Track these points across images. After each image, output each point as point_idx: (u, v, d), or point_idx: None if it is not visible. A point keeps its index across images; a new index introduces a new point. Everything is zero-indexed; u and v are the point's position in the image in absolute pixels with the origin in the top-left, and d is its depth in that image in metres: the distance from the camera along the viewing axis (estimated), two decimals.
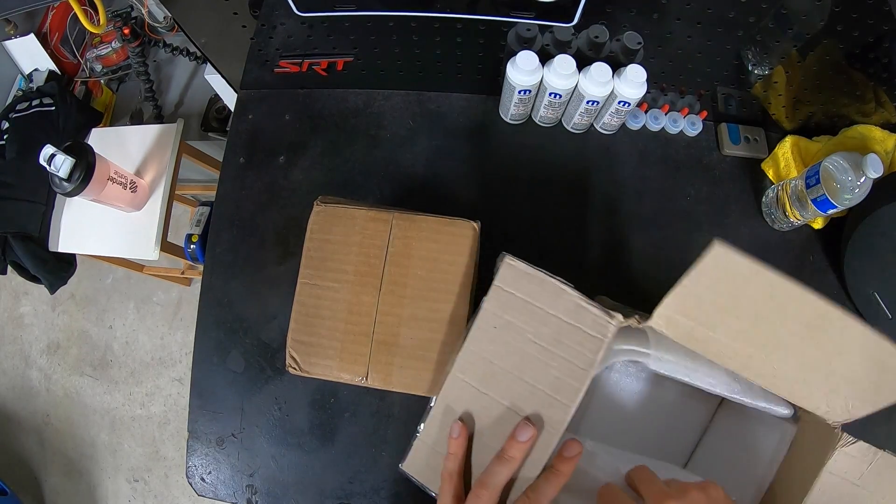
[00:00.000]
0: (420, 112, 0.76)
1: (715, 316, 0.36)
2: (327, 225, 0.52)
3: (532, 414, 0.39)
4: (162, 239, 1.05)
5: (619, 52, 0.66)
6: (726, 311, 0.36)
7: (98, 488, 1.54)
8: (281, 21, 0.66)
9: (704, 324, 0.36)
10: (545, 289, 0.39)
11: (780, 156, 0.70)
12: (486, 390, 0.40)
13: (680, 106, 0.74)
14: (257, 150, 0.75)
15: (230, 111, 1.18)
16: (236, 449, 0.62)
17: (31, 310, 1.72)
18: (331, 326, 0.50)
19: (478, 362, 0.41)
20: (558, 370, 0.38)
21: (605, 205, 0.70)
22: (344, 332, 0.50)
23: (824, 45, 0.60)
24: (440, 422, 0.42)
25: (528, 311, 0.40)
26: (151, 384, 1.60)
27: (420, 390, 0.49)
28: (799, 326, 0.35)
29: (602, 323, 0.37)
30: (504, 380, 0.40)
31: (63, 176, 0.85)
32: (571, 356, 0.38)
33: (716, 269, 0.35)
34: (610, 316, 0.37)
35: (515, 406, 0.39)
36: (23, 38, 1.23)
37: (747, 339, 0.36)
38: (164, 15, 1.27)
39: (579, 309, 0.38)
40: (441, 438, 0.42)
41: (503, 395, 0.40)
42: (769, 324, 0.35)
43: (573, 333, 0.38)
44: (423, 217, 0.52)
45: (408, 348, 0.49)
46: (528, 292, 0.40)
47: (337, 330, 0.50)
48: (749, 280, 0.35)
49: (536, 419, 0.38)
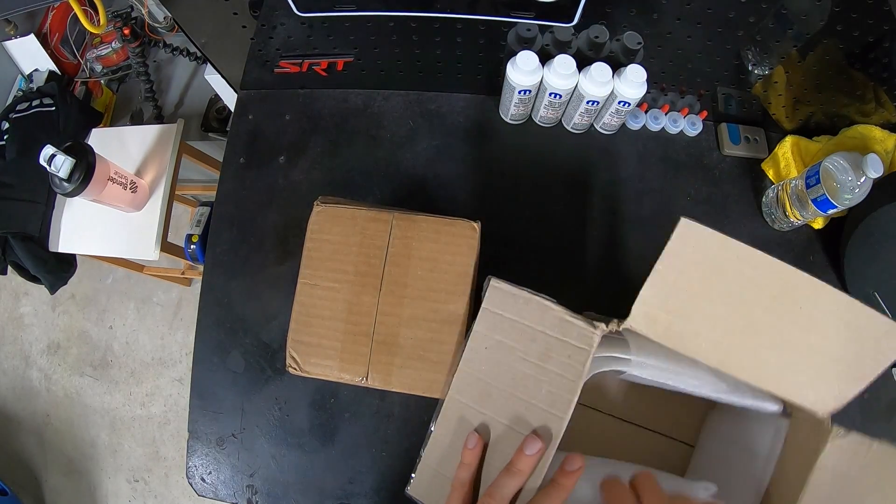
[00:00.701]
0: (420, 112, 0.76)
1: (690, 304, 0.36)
2: (327, 225, 0.52)
3: (530, 428, 0.39)
4: (162, 239, 1.05)
5: (619, 52, 0.66)
6: (700, 296, 0.36)
7: (98, 488, 1.54)
8: (281, 21, 0.66)
9: (681, 315, 0.36)
10: (531, 307, 0.41)
11: (780, 156, 0.70)
12: (484, 409, 0.41)
13: (680, 106, 0.74)
14: (257, 150, 0.75)
15: (230, 111, 1.18)
16: (236, 449, 0.62)
17: (32, 310, 1.73)
18: (331, 326, 0.50)
19: (473, 383, 0.42)
20: (550, 384, 0.39)
21: (605, 205, 0.70)
22: (344, 333, 0.50)
23: (824, 45, 0.60)
24: (441, 444, 0.43)
25: (516, 329, 0.41)
26: (151, 384, 1.60)
27: (420, 390, 0.49)
28: (771, 301, 0.35)
29: (587, 334, 0.38)
30: (500, 398, 0.41)
31: (63, 176, 0.86)
32: (562, 369, 0.39)
33: (685, 247, 0.36)
34: (594, 326, 0.38)
35: (514, 422, 0.40)
36: (23, 38, 1.23)
37: (725, 326, 0.36)
38: (165, 15, 1.27)
39: (564, 323, 0.39)
40: (444, 460, 0.42)
41: (500, 412, 0.41)
42: (743, 303, 0.36)
43: (561, 347, 0.39)
44: (424, 217, 0.52)
45: (408, 348, 0.49)
46: (516, 311, 0.41)
47: (337, 330, 0.50)
48: (718, 256, 0.36)
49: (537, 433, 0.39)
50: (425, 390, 0.49)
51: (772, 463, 0.41)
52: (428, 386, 0.49)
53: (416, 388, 0.49)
